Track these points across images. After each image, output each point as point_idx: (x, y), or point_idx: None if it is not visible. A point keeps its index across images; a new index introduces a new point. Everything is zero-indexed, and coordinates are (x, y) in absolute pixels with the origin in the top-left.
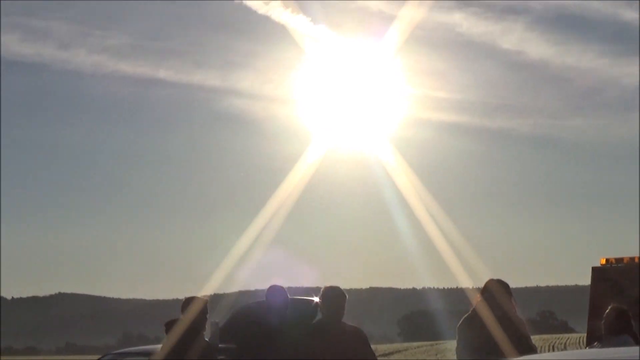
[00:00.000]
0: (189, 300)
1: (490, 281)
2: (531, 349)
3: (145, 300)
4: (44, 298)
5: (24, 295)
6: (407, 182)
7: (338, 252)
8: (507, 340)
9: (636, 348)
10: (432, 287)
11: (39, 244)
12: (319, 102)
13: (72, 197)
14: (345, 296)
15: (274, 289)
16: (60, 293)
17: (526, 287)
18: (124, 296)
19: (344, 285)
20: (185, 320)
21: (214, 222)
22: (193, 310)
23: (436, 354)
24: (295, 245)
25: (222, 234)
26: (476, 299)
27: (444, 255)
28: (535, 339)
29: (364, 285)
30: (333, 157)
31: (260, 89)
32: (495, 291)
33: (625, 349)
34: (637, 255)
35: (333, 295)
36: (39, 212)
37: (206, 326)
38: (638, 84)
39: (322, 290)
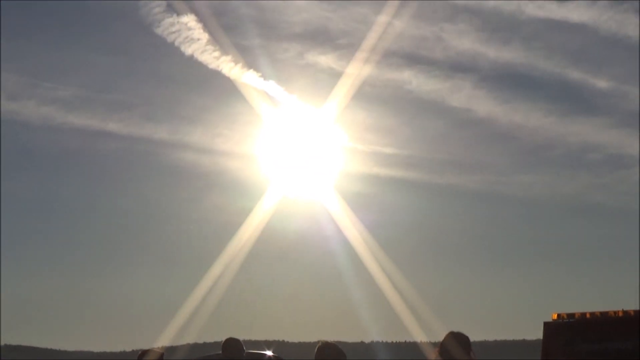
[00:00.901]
0: (145, 353)
1: (448, 335)
2: None
3: (92, 352)
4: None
5: None
6: (357, 237)
7: (288, 306)
8: None
9: None
10: (381, 340)
11: None
12: (268, 157)
13: (18, 249)
14: (345, 355)
15: (230, 341)
16: (5, 345)
17: (474, 341)
18: (70, 348)
19: (292, 338)
20: None
21: (164, 275)
22: None
23: None
24: (246, 298)
25: (173, 287)
26: (433, 354)
27: (394, 308)
28: None
29: (313, 338)
30: (283, 212)
31: (210, 143)
32: (451, 346)
33: None
34: (589, 311)
35: (334, 355)
36: None
37: None
38: (583, 142)
39: (318, 346)
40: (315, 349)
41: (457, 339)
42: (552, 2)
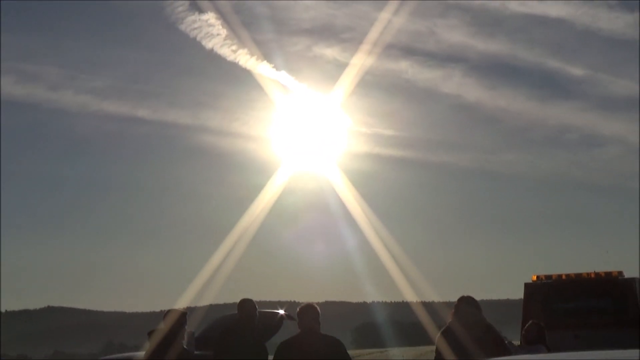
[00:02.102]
0: (169, 312)
1: (460, 299)
2: (506, 350)
3: (125, 312)
4: (35, 311)
5: (17, 308)
6: (359, 210)
7: (298, 270)
8: (480, 346)
9: (636, 351)
10: (379, 301)
11: (31, 263)
12: (280, 139)
13: (61, 222)
14: (318, 311)
15: (245, 302)
16: (49, 306)
17: None
18: (106, 309)
19: (302, 298)
20: (164, 328)
21: (188, 244)
22: (170, 320)
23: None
24: (260, 264)
25: (195, 253)
26: (450, 316)
27: (391, 273)
28: None
29: (321, 299)
30: (293, 187)
31: (228, 126)
32: (465, 307)
33: (628, 352)
34: (564, 273)
35: (308, 311)
36: (30, 236)
37: (184, 335)
38: (561, 124)
39: (298, 309)
40: (298, 309)
41: (469, 301)
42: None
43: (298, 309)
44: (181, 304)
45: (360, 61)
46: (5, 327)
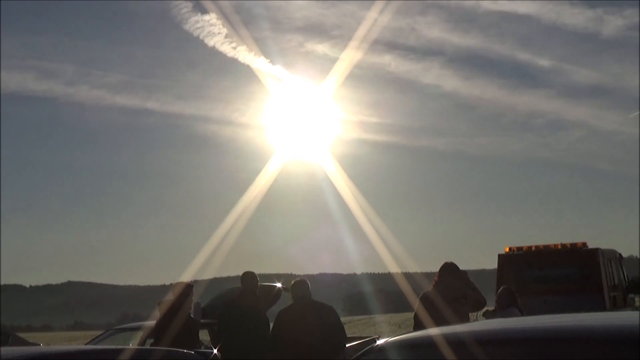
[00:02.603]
0: (176, 284)
1: (444, 265)
2: (478, 301)
3: (139, 286)
4: (57, 285)
5: (40, 283)
6: (347, 190)
7: (293, 246)
8: (455, 310)
9: (599, 313)
10: (367, 272)
11: (53, 242)
12: (277, 128)
13: (79, 205)
14: (309, 284)
15: (247, 275)
16: (69, 281)
17: None
18: (121, 283)
19: (297, 271)
20: (172, 299)
21: (192, 222)
22: (177, 291)
23: (374, 325)
24: (259, 240)
25: (199, 231)
26: (432, 283)
27: (376, 247)
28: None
29: (315, 271)
30: (288, 170)
31: (229, 116)
32: (448, 273)
33: (591, 314)
34: (534, 244)
35: (300, 285)
36: (52, 218)
37: (191, 305)
38: (530, 110)
39: (292, 283)
40: (292, 283)
41: (452, 267)
42: None
43: (292, 283)
44: (187, 276)
45: (348, 56)
46: (30, 301)
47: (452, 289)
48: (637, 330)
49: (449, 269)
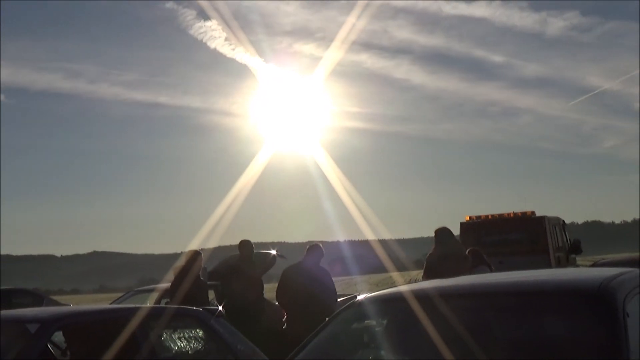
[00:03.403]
0: (195, 254)
1: (438, 230)
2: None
3: (154, 254)
4: (83, 255)
5: (69, 253)
6: (330, 170)
7: (286, 217)
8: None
9: (546, 270)
10: (348, 239)
11: (80, 217)
12: (270, 118)
13: (102, 185)
14: (322, 252)
15: (243, 243)
16: (95, 251)
17: (413, 238)
18: (139, 252)
19: (289, 239)
20: (183, 264)
21: (198, 198)
22: (187, 257)
23: (355, 284)
24: (256, 213)
25: (204, 206)
26: (432, 249)
27: (355, 218)
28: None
29: (304, 239)
30: (281, 153)
31: (229, 108)
32: (442, 236)
33: (539, 271)
34: (490, 214)
35: (315, 249)
36: (77, 197)
37: (199, 269)
38: (486, 99)
39: (308, 247)
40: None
41: (444, 231)
42: (462, 3)
43: (309, 247)
44: (194, 245)
45: (331, 55)
46: (61, 268)
47: (449, 249)
48: (577, 282)
49: (444, 232)
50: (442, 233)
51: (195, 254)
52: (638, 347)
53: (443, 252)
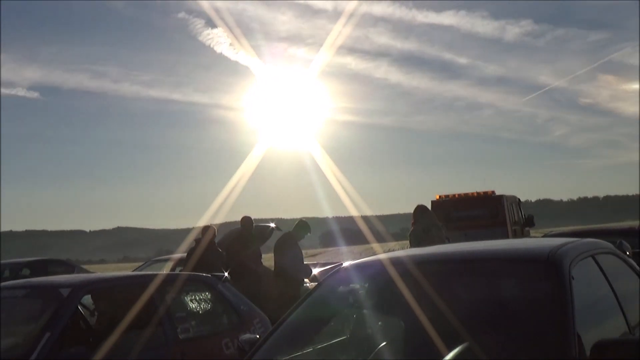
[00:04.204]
0: (206, 228)
1: (417, 207)
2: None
3: (169, 229)
4: (109, 230)
5: (96, 228)
6: (321, 157)
7: (282, 196)
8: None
9: (504, 240)
10: (335, 215)
11: (105, 198)
12: (268, 111)
13: (124, 170)
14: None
15: (244, 218)
16: (119, 227)
17: (391, 214)
18: (157, 227)
19: (286, 215)
20: (205, 240)
21: (207, 181)
22: (199, 232)
23: (341, 254)
24: (257, 193)
25: (211, 187)
26: (412, 224)
27: (341, 197)
28: (392, 245)
29: (298, 215)
30: (277, 143)
31: (233, 104)
32: (421, 213)
33: (499, 241)
34: (457, 192)
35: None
36: (104, 180)
37: (209, 240)
38: (453, 95)
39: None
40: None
41: (423, 207)
42: (432, 12)
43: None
44: (204, 220)
45: (320, 57)
46: (90, 242)
47: (427, 222)
48: (530, 250)
49: (422, 209)
50: (421, 209)
51: (205, 228)
52: (581, 304)
53: (425, 224)
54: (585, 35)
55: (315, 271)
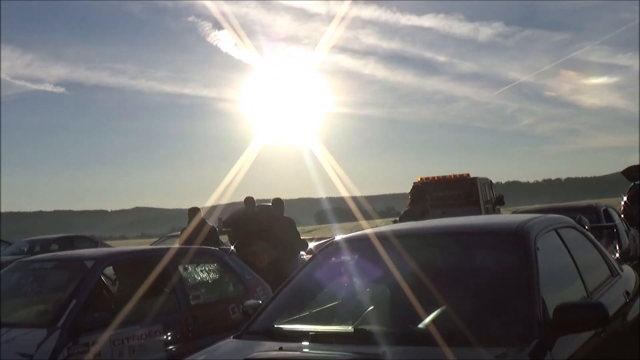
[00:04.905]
0: (195, 209)
1: (418, 189)
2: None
3: (182, 208)
4: (128, 209)
5: (117, 208)
6: (316, 143)
7: (282, 179)
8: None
9: (475, 216)
10: (328, 196)
11: (125, 180)
12: (269, 103)
13: (141, 156)
14: (283, 202)
15: (248, 199)
16: (137, 207)
17: (377, 195)
18: (171, 207)
19: (285, 196)
20: (195, 221)
21: (215, 165)
22: (201, 214)
23: (334, 231)
24: (258, 176)
25: (217, 172)
26: (408, 204)
27: (333, 179)
28: (379, 222)
29: (296, 196)
30: (276, 132)
31: (237, 98)
32: (417, 193)
33: (473, 217)
34: (436, 175)
35: (279, 202)
36: (122, 166)
37: (215, 220)
38: (433, 89)
39: (272, 200)
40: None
41: (423, 192)
42: (414, 16)
43: (273, 200)
44: (211, 201)
45: (315, 57)
46: (111, 220)
47: (426, 205)
48: (500, 225)
49: (423, 192)
50: (422, 193)
51: (194, 209)
52: (545, 272)
53: (424, 207)
54: (550, 36)
55: (311, 245)
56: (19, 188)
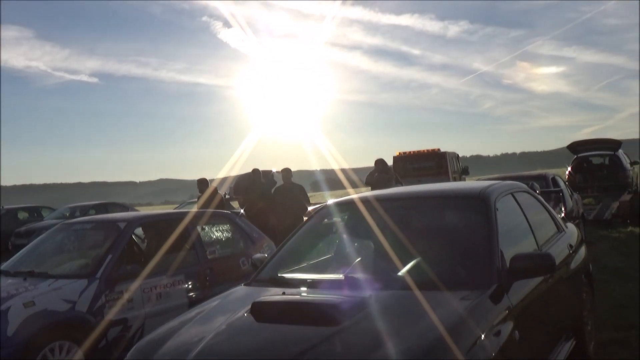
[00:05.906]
0: (204, 180)
1: (377, 160)
2: (398, 181)
3: (194, 179)
4: (154, 180)
5: (144, 180)
6: (310, 124)
7: (283, 153)
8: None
9: (442, 183)
10: (321, 169)
11: (151, 156)
12: (271, 90)
13: (163, 135)
14: (291, 171)
15: (255, 169)
16: (161, 179)
17: (363, 167)
18: (189, 178)
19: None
20: (209, 190)
21: (226, 143)
22: (213, 184)
23: (327, 197)
24: (263, 151)
25: (229, 147)
26: (375, 174)
27: (325, 154)
28: (363, 190)
29: (295, 168)
30: (277, 115)
31: (241, 87)
32: (380, 166)
33: (444, 183)
34: (412, 150)
35: (287, 171)
36: (149, 145)
37: (225, 189)
38: (412, 80)
39: (282, 169)
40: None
41: (383, 161)
42: (393, 16)
43: (282, 169)
44: (223, 173)
45: (311, 51)
46: (139, 190)
47: (384, 174)
48: (466, 190)
49: (381, 162)
50: (384, 162)
51: (203, 180)
52: (503, 229)
53: (391, 174)
54: (508, 32)
55: (309, 209)
56: (62, 162)
